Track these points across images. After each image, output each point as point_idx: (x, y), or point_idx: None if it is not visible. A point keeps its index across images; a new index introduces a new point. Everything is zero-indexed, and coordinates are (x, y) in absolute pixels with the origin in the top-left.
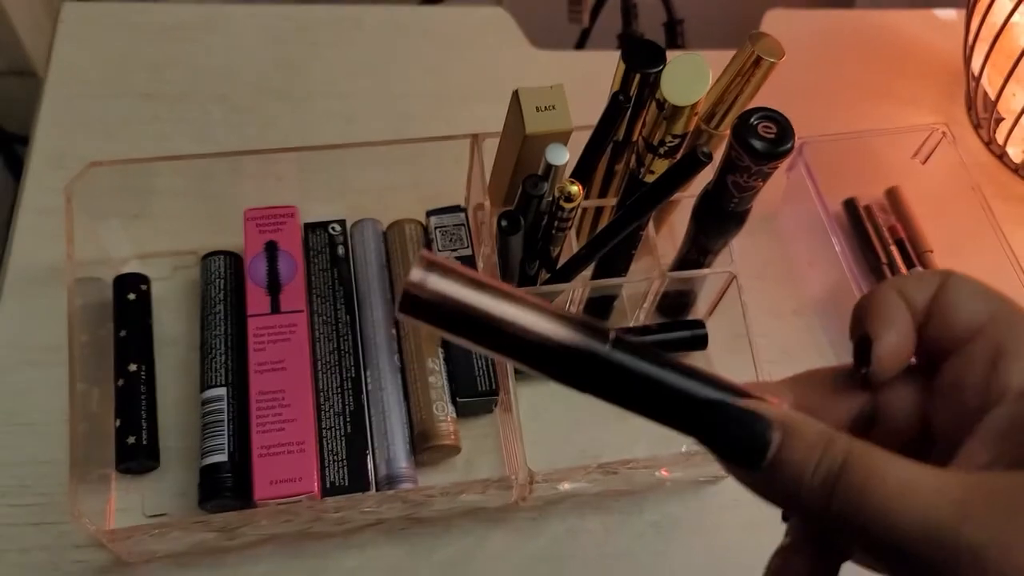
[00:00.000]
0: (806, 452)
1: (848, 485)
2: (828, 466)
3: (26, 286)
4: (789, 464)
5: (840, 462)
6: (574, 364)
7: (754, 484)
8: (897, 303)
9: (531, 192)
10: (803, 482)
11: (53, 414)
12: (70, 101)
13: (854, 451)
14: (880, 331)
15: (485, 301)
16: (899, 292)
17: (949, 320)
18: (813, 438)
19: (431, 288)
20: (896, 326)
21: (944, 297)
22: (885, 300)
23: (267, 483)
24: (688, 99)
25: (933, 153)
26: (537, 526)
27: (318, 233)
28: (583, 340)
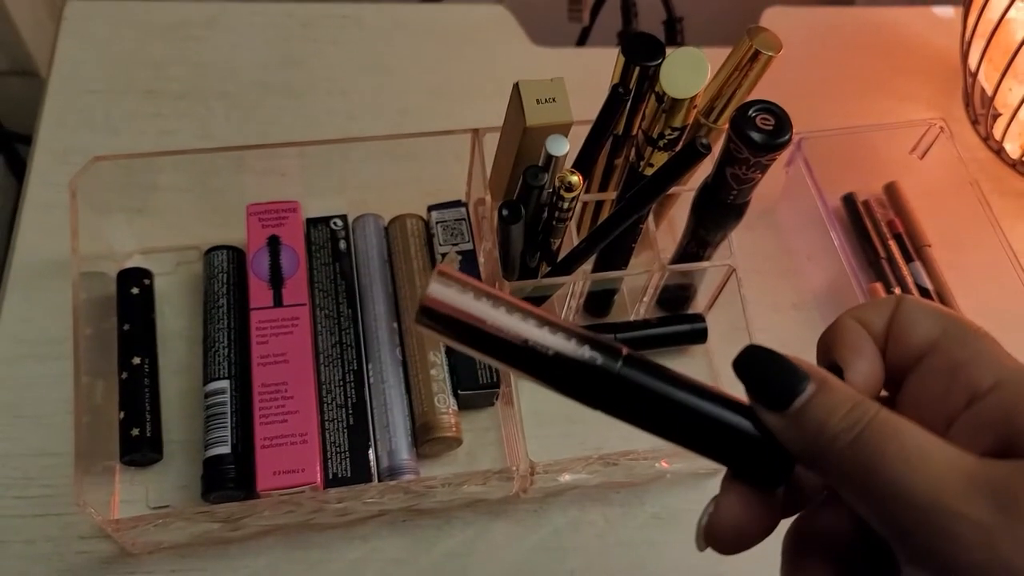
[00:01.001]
0: (837, 404)
1: (869, 440)
2: (855, 419)
3: (30, 280)
4: (817, 411)
5: (867, 419)
6: (585, 380)
7: (780, 428)
8: (859, 331)
9: (531, 183)
10: (826, 429)
11: (57, 407)
12: (73, 98)
13: (881, 414)
14: (849, 360)
15: (500, 316)
16: (859, 320)
17: (906, 340)
18: (845, 395)
19: (447, 301)
20: (862, 354)
21: (899, 320)
22: (848, 329)
23: (270, 474)
24: (687, 92)
25: (931, 148)
26: (538, 517)
27: (320, 228)
28: (594, 356)
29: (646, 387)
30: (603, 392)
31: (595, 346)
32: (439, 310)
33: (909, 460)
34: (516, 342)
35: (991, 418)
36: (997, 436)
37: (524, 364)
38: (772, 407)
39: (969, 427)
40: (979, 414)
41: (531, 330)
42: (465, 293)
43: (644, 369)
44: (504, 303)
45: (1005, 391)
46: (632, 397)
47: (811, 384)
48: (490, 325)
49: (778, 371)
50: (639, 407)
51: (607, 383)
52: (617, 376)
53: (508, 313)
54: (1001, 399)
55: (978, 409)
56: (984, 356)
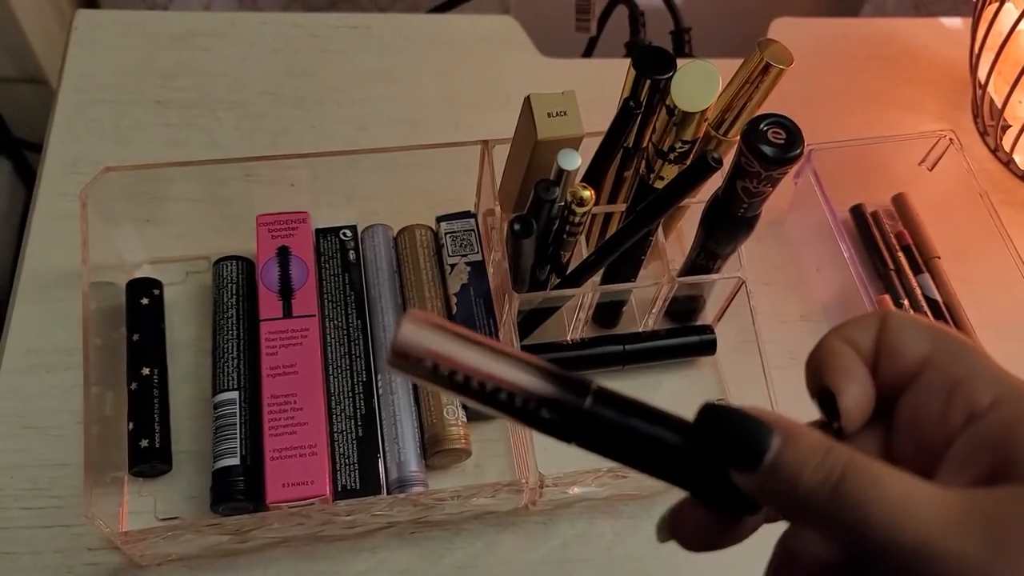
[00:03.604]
0: (806, 456)
1: (848, 491)
2: (828, 471)
3: (40, 290)
4: (788, 466)
5: (840, 468)
6: (555, 418)
7: (752, 487)
8: (848, 352)
9: (543, 197)
10: (802, 485)
11: (67, 417)
12: (83, 107)
13: (854, 459)
14: (840, 384)
15: (471, 356)
16: (846, 340)
17: (896, 357)
18: (813, 444)
19: (417, 344)
20: (854, 376)
21: (887, 336)
22: (837, 352)
23: (279, 486)
24: (698, 105)
25: (940, 160)
26: (547, 530)
27: (329, 238)
28: (564, 395)
29: (614, 422)
30: (573, 428)
31: (566, 384)
32: (410, 352)
33: (892, 505)
34: (487, 381)
35: (988, 439)
36: (994, 458)
37: (495, 402)
38: (742, 468)
39: (967, 447)
40: (976, 434)
41: (502, 368)
42: (436, 335)
43: (613, 404)
44: (475, 343)
45: (1003, 410)
46: (601, 432)
47: (776, 438)
48: (461, 365)
49: (741, 430)
50: (608, 442)
51: (577, 420)
52: (586, 413)
53: (479, 352)
54: (998, 418)
55: (976, 429)
56: (980, 372)
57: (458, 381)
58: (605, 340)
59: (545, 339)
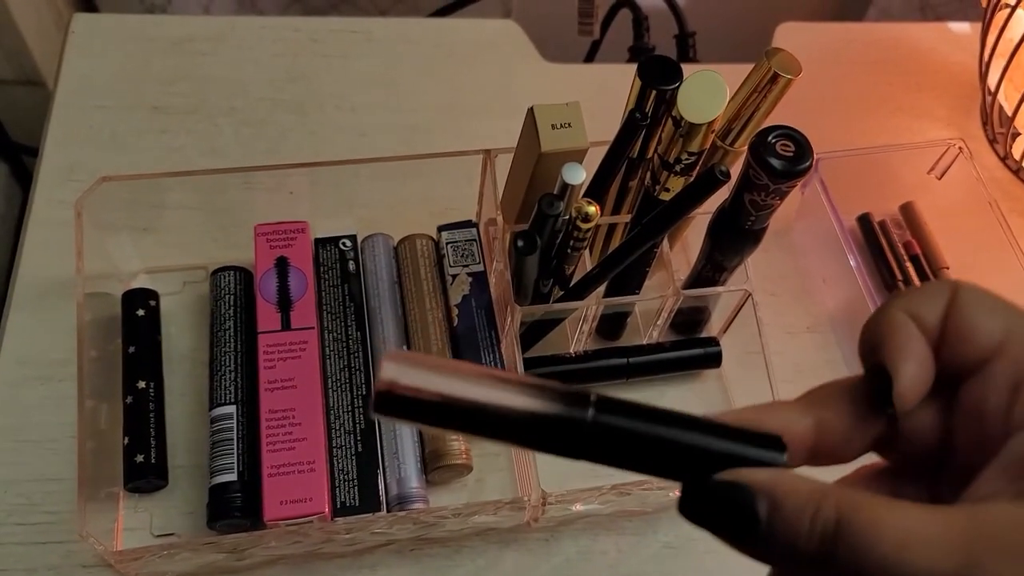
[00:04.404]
0: (797, 517)
1: (846, 545)
2: (823, 528)
3: (35, 300)
4: (782, 532)
5: (834, 521)
6: (560, 435)
7: (755, 555)
8: (910, 328)
9: (547, 212)
10: (799, 548)
11: (61, 430)
12: (79, 113)
13: (847, 506)
14: (898, 364)
15: (459, 387)
16: (909, 313)
17: (965, 339)
18: (802, 500)
19: (403, 384)
20: (913, 356)
21: (957, 314)
22: (897, 325)
23: (277, 503)
24: (705, 116)
25: (949, 169)
26: (549, 547)
27: (329, 248)
28: (565, 410)
29: (622, 431)
30: (580, 443)
31: (564, 399)
32: (396, 393)
33: (894, 550)
34: (482, 410)
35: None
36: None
37: (494, 431)
38: (740, 545)
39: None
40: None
41: (495, 394)
42: (417, 370)
43: (618, 413)
44: (461, 373)
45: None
46: (610, 444)
47: (762, 502)
48: (452, 398)
49: (726, 501)
50: (619, 453)
51: (582, 434)
52: (592, 424)
53: (468, 383)
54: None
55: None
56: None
57: (450, 415)
58: (609, 353)
59: (548, 351)
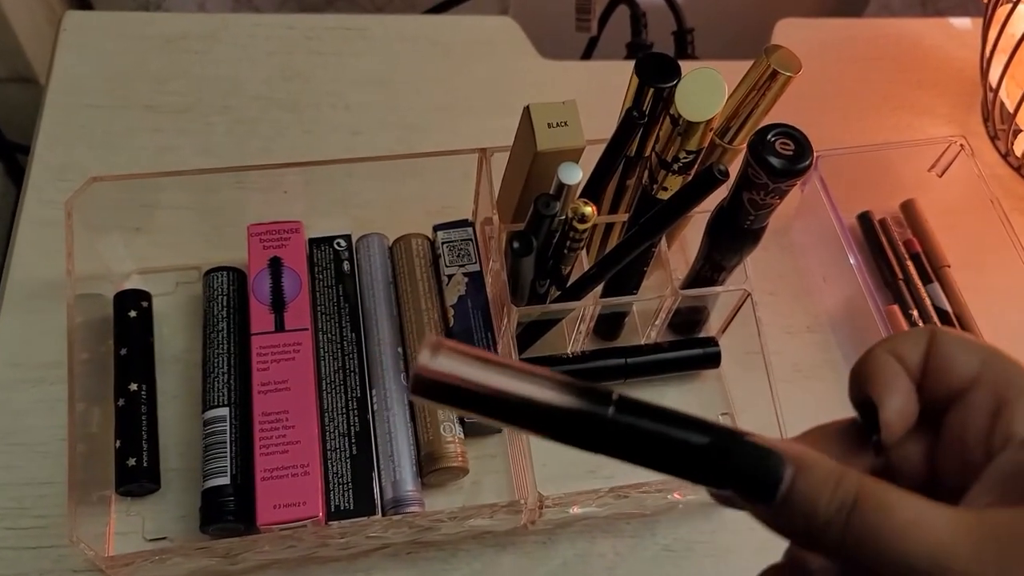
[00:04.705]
0: (819, 486)
1: (861, 519)
2: (841, 500)
3: (25, 301)
4: (803, 498)
5: (853, 496)
6: (582, 429)
7: (769, 518)
8: (893, 366)
9: (543, 212)
10: (817, 515)
11: (53, 433)
12: (71, 112)
13: (866, 486)
14: (883, 397)
15: (492, 377)
16: (892, 353)
17: (944, 374)
18: (825, 473)
19: (440, 370)
20: (897, 390)
21: (936, 353)
22: (882, 364)
23: (270, 507)
24: (703, 115)
25: (950, 166)
26: (546, 550)
27: (323, 248)
28: (587, 406)
29: (640, 429)
30: (600, 438)
31: (587, 395)
32: (433, 378)
33: (905, 530)
34: (511, 401)
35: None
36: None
37: (521, 421)
38: (757, 502)
39: (1001, 470)
40: (1010, 461)
41: (525, 387)
42: (455, 359)
43: (638, 412)
44: (496, 364)
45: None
46: (628, 440)
47: (788, 469)
48: (485, 387)
49: (753, 464)
50: (637, 448)
51: (603, 429)
52: (612, 421)
53: (501, 374)
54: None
55: (1011, 454)
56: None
57: (482, 404)
58: (607, 353)
59: (545, 352)
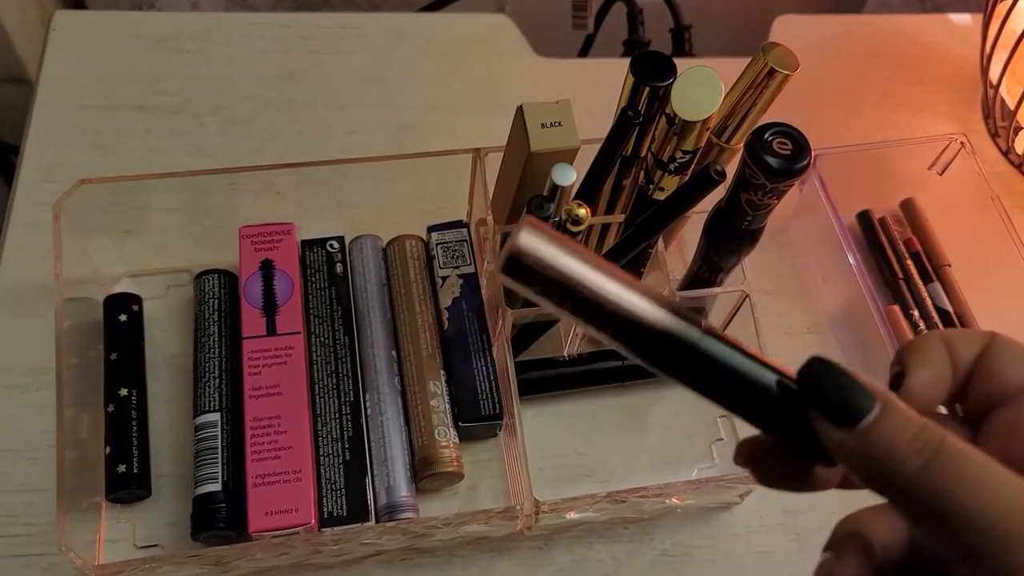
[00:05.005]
0: (905, 425)
1: (939, 467)
2: (924, 442)
3: (14, 305)
4: (888, 431)
5: (935, 444)
6: (667, 349)
7: (845, 448)
8: (938, 347)
9: (536, 214)
10: (897, 451)
11: (42, 439)
12: (61, 113)
13: (948, 438)
14: (915, 366)
15: (587, 275)
16: (944, 340)
17: (995, 378)
18: (912, 416)
19: (536, 254)
20: (931, 366)
21: (991, 356)
22: (926, 342)
23: (262, 514)
24: (700, 114)
25: (951, 164)
26: (543, 555)
27: (315, 250)
28: (678, 326)
29: (722, 363)
30: (682, 361)
31: (679, 316)
32: (527, 261)
33: (982, 487)
34: (602, 303)
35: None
36: None
37: (607, 325)
38: (839, 423)
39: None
40: None
41: (618, 292)
42: (553, 246)
43: (724, 342)
44: (592, 261)
45: None
46: (706, 371)
47: (878, 404)
48: (578, 283)
49: (845, 387)
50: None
51: (687, 353)
52: (696, 346)
53: (596, 272)
54: None
55: None
56: None
57: (572, 303)
58: (603, 355)
59: (541, 354)
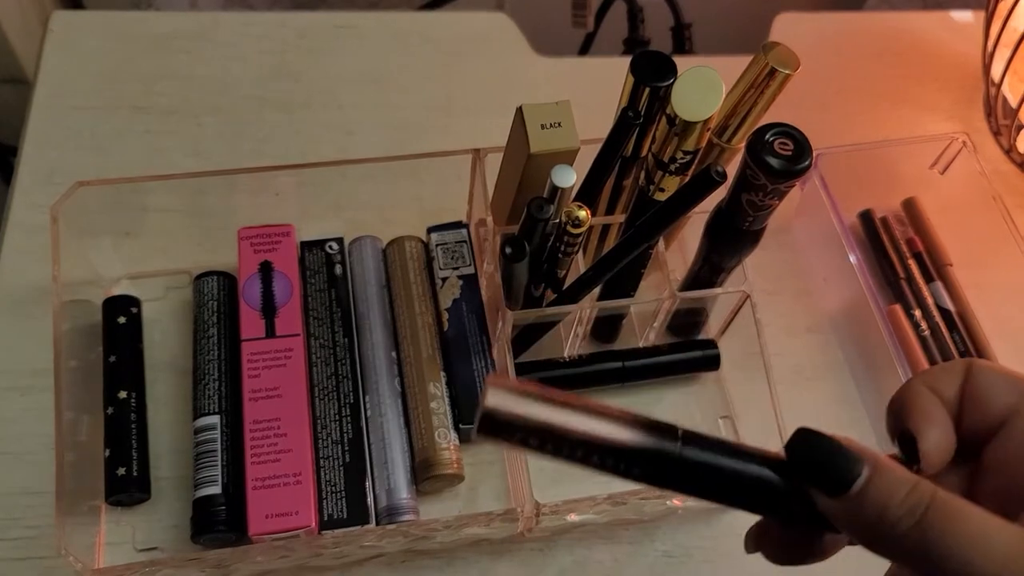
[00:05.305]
0: (895, 485)
1: (932, 523)
2: (915, 502)
3: (13, 307)
4: (878, 494)
5: (927, 501)
6: (650, 466)
7: (838, 513)
8: (931, 398)
9: (536, 216)
10: (888, 512)
11: (42, 442)
12: (59, 114)
13: (939, 495)
14: (922, 428)
15: (558, 416)
16: (929, 387)
17: (982, 406)
18: (902, 476)
19: (505, 409)
20: (936, 422)
21: (973, 386)
22: (919, 396)
23: (262, 517)
24: (700, 114)
25: (952, 163)
26: (544, 558)
27: (315, 252)
28: (655, 442)
29: (707, 463)
30: (668, 473)
31: (654, 431)
32: (499, 419)
33: (974, 542)
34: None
35: None
36: None
37: (588, 458)
38: (830, 493)
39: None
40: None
41: (591, 424)
42: (521, 398)
43: (701, 446)
44: (560, 403)
45: None
46: (696, 473)
47: (866, 467)
48: (551, 426)
49: (833, 456)
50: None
51: (670, 464)
52: (679, 457)
53: (566, 412)
54: None
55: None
56: None
57: (551, 445)
58: (604, 356)
59: (542, 356)
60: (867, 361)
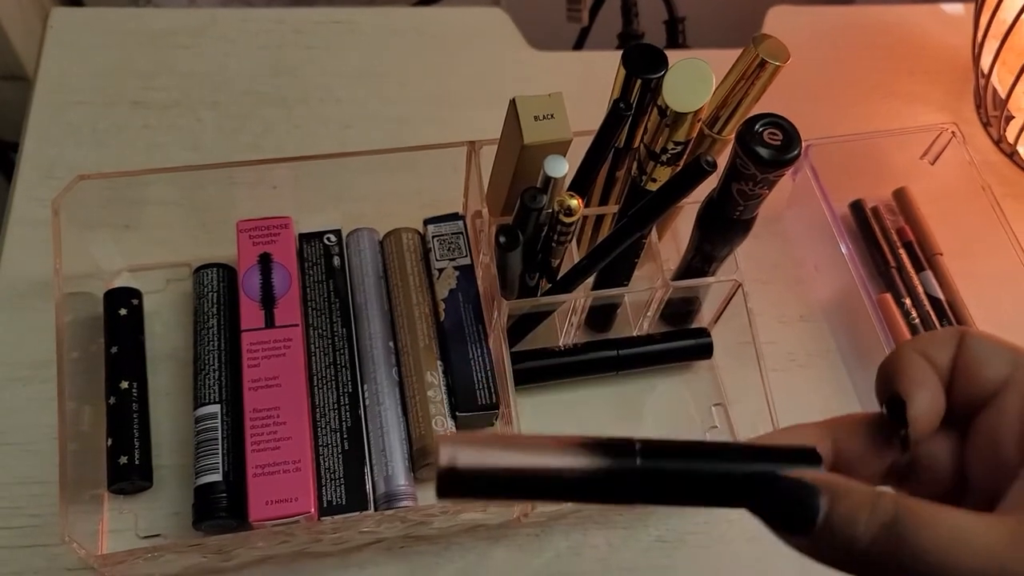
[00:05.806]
0: (856, 510)
1: (901, 536)
2: (879, 520)
3: (15, 300)
4: (841, 522)
5: (891, 515)
6: (614, 486)
7: (808, 548)
8: (922, 364)
9: (530, 205)
10: (856, 538)
11: (44, 432)
12: (59, 109)
13: (902, 504)
14: (912, 392)
15: (515, 459)
16: (921, 353)
17: (974, 376)
18: (861, 496)
19: (462, 466)
20: (926, 386)
21: (965, 355)
22: (911, 361)
23: (262, 504)
24: (691, 105)
25: (942, 153)
26: (540, 542)
27: (313, 244)
28: (612, 462)
29: (671, 471)
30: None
31: (610, 452)
32: (457, 476)
33: (947, 542)
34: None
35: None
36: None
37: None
38: (794, 532)
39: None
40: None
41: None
42: (474, 450)
43: (664, 454)
44: (514, 446)
45: None
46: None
47: (823, 497)
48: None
49: (788, 499)
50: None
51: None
52: (641, 471)
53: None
54: None
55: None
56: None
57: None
58: (598, 345)
59: (537, 345)
60: (858, 349)
